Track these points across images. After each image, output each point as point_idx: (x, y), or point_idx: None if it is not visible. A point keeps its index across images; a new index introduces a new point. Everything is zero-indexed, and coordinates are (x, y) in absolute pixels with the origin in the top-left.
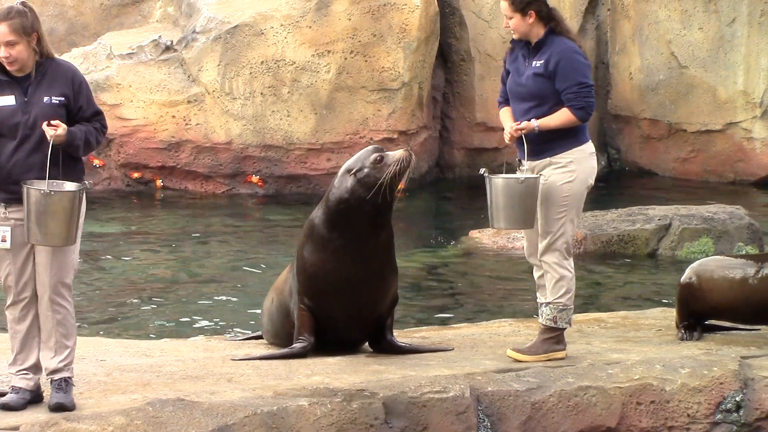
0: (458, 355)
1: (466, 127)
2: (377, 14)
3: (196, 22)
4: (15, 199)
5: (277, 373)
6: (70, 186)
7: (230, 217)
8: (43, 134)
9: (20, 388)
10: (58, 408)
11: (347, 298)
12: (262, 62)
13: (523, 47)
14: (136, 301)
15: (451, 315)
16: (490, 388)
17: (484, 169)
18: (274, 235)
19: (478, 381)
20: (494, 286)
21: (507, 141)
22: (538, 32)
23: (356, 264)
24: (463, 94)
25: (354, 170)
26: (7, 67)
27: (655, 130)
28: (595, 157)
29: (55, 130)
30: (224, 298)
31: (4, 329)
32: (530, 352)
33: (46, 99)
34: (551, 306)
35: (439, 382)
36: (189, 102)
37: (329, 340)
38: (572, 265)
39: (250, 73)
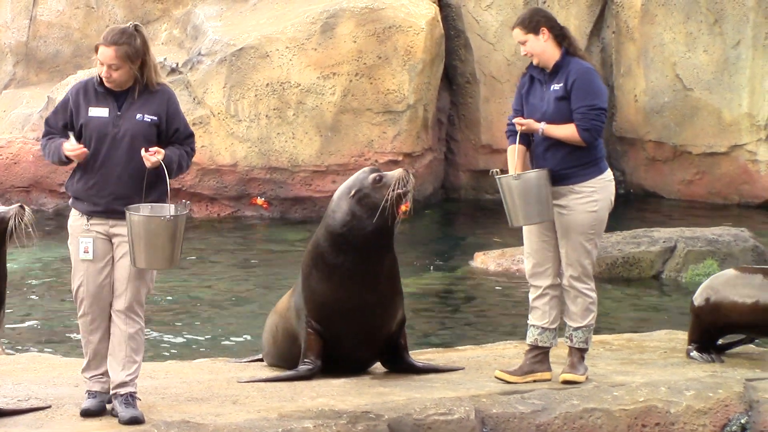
0: (463, 377)
1: (471, 149)
2: (382, 37)
3: (202, 44)
4: (97, 211)
5: (281, 395)
6: (172, 210)
7: (235, 239)
8: (130, 151)
9: (97, 392)
10: (133, 421)
11: (356, 322)
12: (268, 84)
13: (539, 72)
14: None
15: (456, 337)
16: (494, 411)
17: (494, 170)
18: (278, 257)
19: (482, 403)
20: (499, 309)
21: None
22: (555, 54)
23: (364, 288)
24: (468, 116)
25: (353, 192)
26: (105, 83)
27: (660, 152)
28: (614, 181)
29: (154, 155)
30: (228, 320)
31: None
32: (580, 373)
33: (138, 116)
34: (583, 329)
35: (444, 404)
36: (194, 124)
37: (338, 361)
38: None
39: (256, 95)
